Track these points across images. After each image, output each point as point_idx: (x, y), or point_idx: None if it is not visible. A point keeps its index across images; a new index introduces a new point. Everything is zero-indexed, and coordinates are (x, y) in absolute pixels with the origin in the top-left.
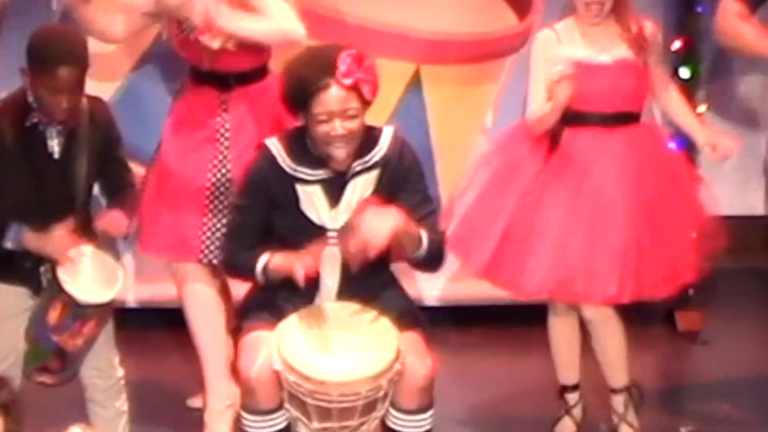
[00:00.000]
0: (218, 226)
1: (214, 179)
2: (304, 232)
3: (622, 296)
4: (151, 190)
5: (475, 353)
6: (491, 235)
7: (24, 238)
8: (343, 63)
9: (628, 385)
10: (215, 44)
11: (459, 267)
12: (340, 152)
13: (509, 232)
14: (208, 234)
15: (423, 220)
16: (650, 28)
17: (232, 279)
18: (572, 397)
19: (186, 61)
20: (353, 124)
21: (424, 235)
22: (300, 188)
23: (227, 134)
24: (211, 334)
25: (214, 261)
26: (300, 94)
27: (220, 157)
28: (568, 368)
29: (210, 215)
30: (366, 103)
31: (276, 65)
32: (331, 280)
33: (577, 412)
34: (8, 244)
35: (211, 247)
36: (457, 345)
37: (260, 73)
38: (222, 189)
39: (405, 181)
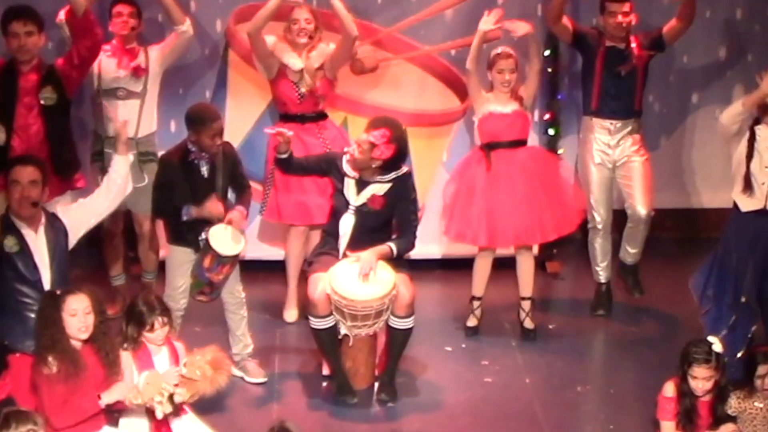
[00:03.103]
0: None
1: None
2: (342, 203)
3: (529, 241)
4: (278, 188)
5: (437, 285)
6: (477, 220)
7: (192, 211)
8: (378, 133)
9: (532, 296)
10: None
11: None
12: (349, 160)
13: (476, 215)
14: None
15: (405, 226)
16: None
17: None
18: (476, 303)
19: (290, 106)
20: (359, 151)
21: (394, 249)
22: (345, 179)
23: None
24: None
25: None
26: (367, 126)
27: None
28: (478, 287)
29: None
30: (372, 152)
31: None
32: (344, 233)
33: (478, 312)
34: (184, 218)
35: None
36: (427, 281)
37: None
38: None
39: (404, 197)
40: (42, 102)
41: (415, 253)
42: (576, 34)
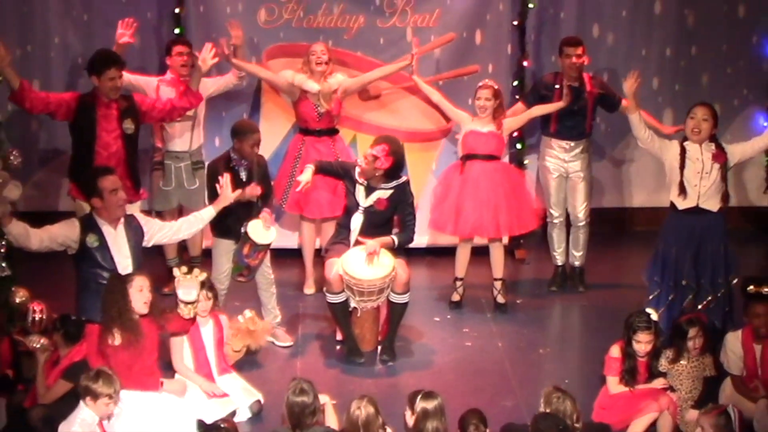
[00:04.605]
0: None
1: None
2: (353, 204)
3: (498, 235)
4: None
5: (427, 269)
6: (450, 213)
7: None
8: (378, 148)
9: (503, 277)
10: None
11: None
12: (357, 170)
13: (448, 209)
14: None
15: (405, 224)
16: (505, 122)
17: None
18: (458, 283)
19: (310, 123)
20: (365, 164)
21: (396, 240)
22: (356, 185)
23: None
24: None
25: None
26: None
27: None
28: (460, 270)
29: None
30: (375, 164)
31: None
32: (354, 229)
33: (460, 290)
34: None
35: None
36: (420, 265)
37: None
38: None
39: (404, 201)
40: (125, 131)
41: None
42: (531, 103)
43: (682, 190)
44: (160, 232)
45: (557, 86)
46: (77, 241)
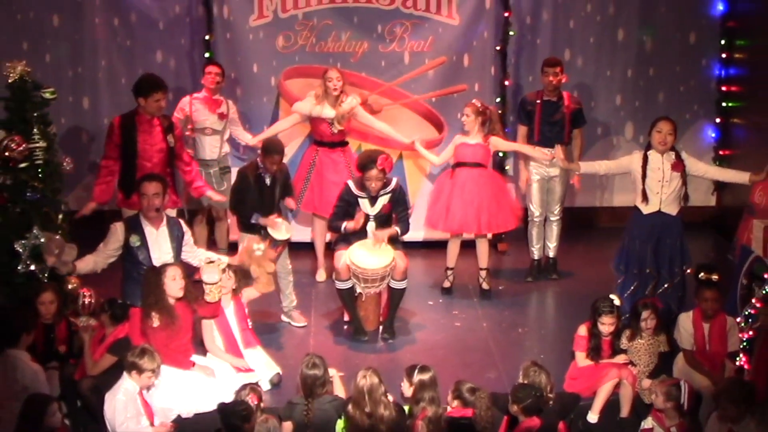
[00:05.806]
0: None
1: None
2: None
3: (480, 231)
4: (310, 189)
5: (422, 259)
6: (441, 212)
7: (260, 219)
8: (380, 160)
9: (488, 267)
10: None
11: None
12: (371, 188)
13: (440, 209)
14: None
15: (402, 218)
16: (493, 140)
17: (329, 232)
18: (449, 272)
19: (325, 138)
20: (378, 180)
21: (399, 230)
22: (360, 200)
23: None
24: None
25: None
26: (362, 167)
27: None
28: (451, 260)
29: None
30: (386, 173)
31: None
32: (370, 235)
33: (450, 278)
34: (252, 221)
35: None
36: (416, 256)
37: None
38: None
39: (400, 202)
40: (168, 144)
41: (407, 237)
42: (523, 118)
43: (645, 198)
44: (187, 246)
45: (538, 101)
46: (123, 245)
